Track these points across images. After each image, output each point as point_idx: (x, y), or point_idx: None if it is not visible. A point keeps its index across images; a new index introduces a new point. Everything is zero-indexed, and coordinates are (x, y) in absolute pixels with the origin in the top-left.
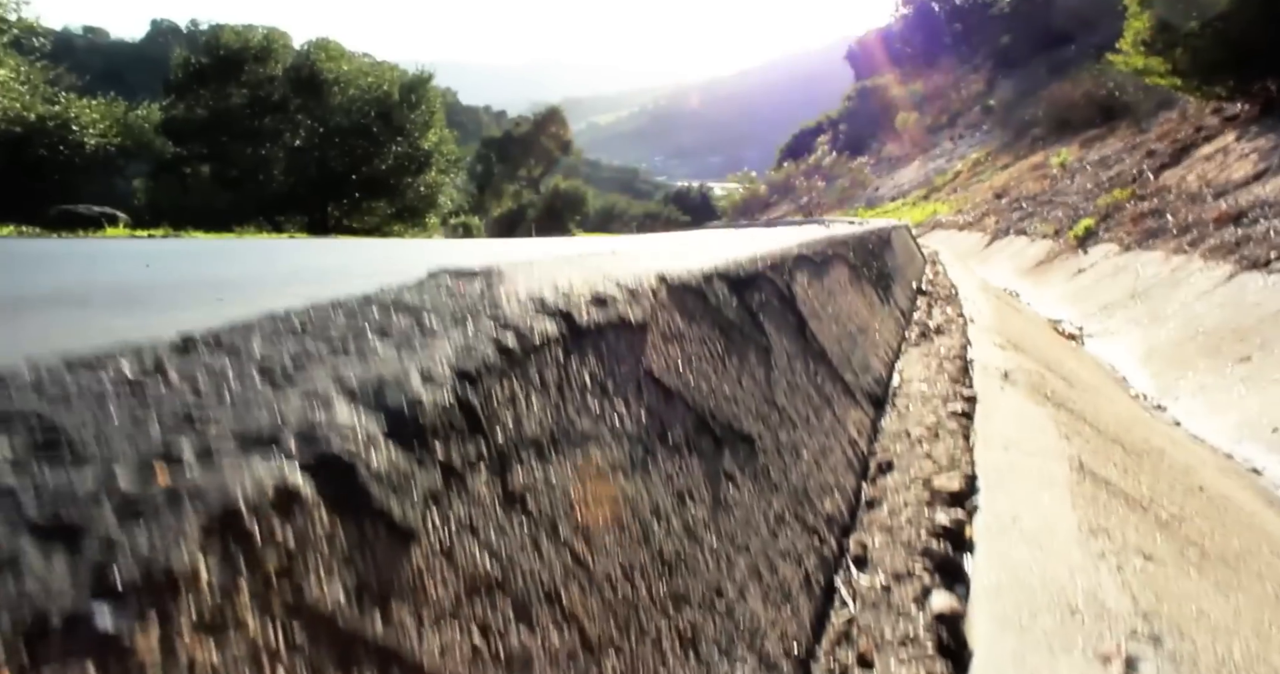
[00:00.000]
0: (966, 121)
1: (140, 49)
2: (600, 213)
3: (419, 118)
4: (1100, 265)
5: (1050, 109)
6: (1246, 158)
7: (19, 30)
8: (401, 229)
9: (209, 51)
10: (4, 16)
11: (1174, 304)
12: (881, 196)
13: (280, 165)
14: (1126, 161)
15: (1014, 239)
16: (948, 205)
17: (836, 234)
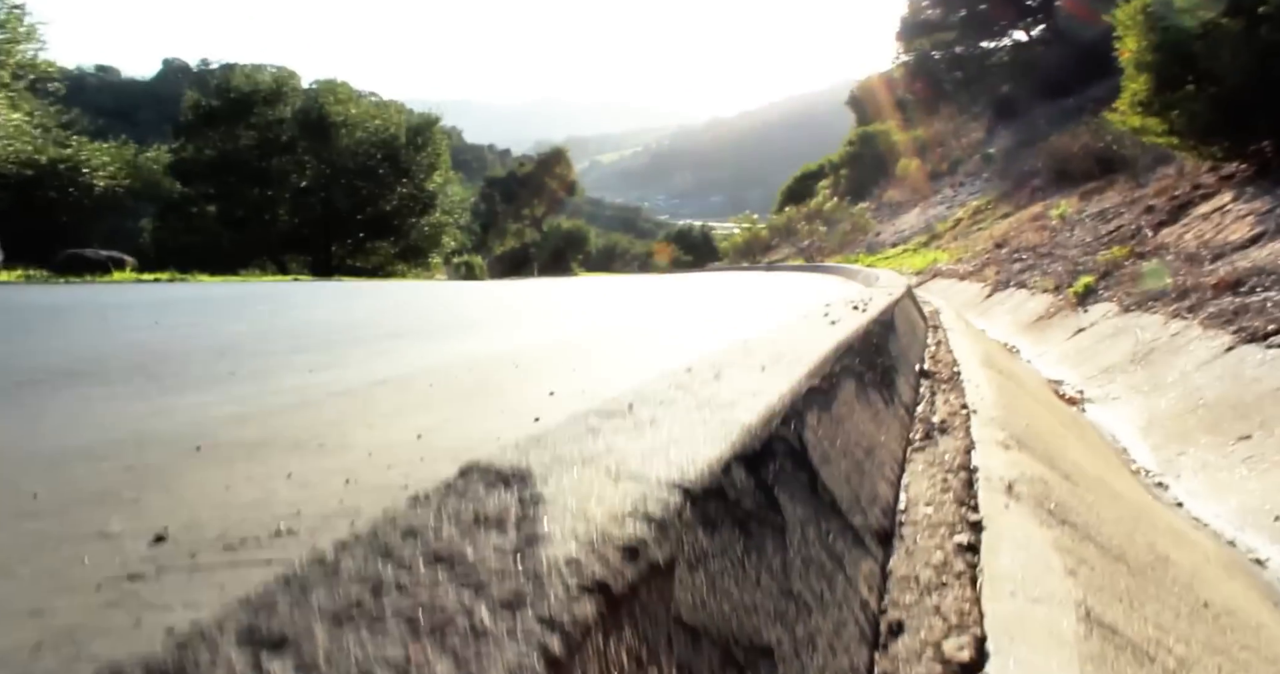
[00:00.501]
0: (967, 169)
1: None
2: (602, 252)
3: (424, 160)
4: (1100, 325)
5: (1049, 160)
6: (1243, 219)
7: (34, 74)
8: (405, 268)
9: (219, 94)
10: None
11: (1174, 372)
12: (883, 242)
13: (286, 206)
14: (1125, 216)
15: (1014, 292)
16: (948, 253)
17: (845, 329)
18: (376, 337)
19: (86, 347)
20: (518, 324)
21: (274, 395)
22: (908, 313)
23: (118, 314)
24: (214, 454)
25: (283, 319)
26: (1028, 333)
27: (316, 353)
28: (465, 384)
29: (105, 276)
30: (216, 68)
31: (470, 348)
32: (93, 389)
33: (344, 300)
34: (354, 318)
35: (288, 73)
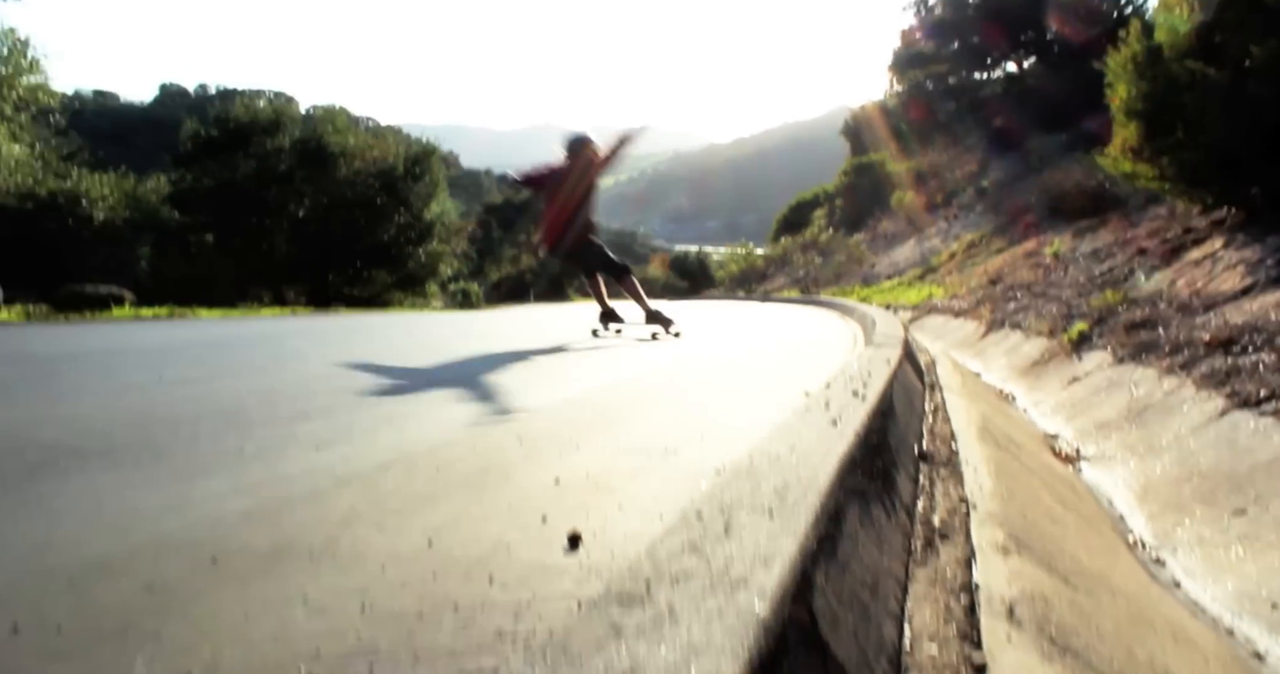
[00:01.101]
0: (961, 202)
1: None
2: None
3: (422, 189)
4: (1094, 376)
5: (1043, 196)
6: (1234, 268)
7: (36, 107)
8: (401, 297)
9: (218, 124)
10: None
11: (1168, 434)
12: (878, 274)
13: (284, 235)
14: (1118, 257)
15: (1009, 333)
16: (943, 288)
17: (847, 432)
18: (378, 395)
19: (93, 413)
20: (517, 376)
21: (284, 482)
22: (906, 383)
23: (121, 365)
24: (230, 568)
25: (285, 372)
26: (1023, 379)
27: (320, 420)
28: (470, 467)
29: (104, 313)
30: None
31: (472, 413)
32: (103, 475)
33: (342, 343)
34: (352, 368)
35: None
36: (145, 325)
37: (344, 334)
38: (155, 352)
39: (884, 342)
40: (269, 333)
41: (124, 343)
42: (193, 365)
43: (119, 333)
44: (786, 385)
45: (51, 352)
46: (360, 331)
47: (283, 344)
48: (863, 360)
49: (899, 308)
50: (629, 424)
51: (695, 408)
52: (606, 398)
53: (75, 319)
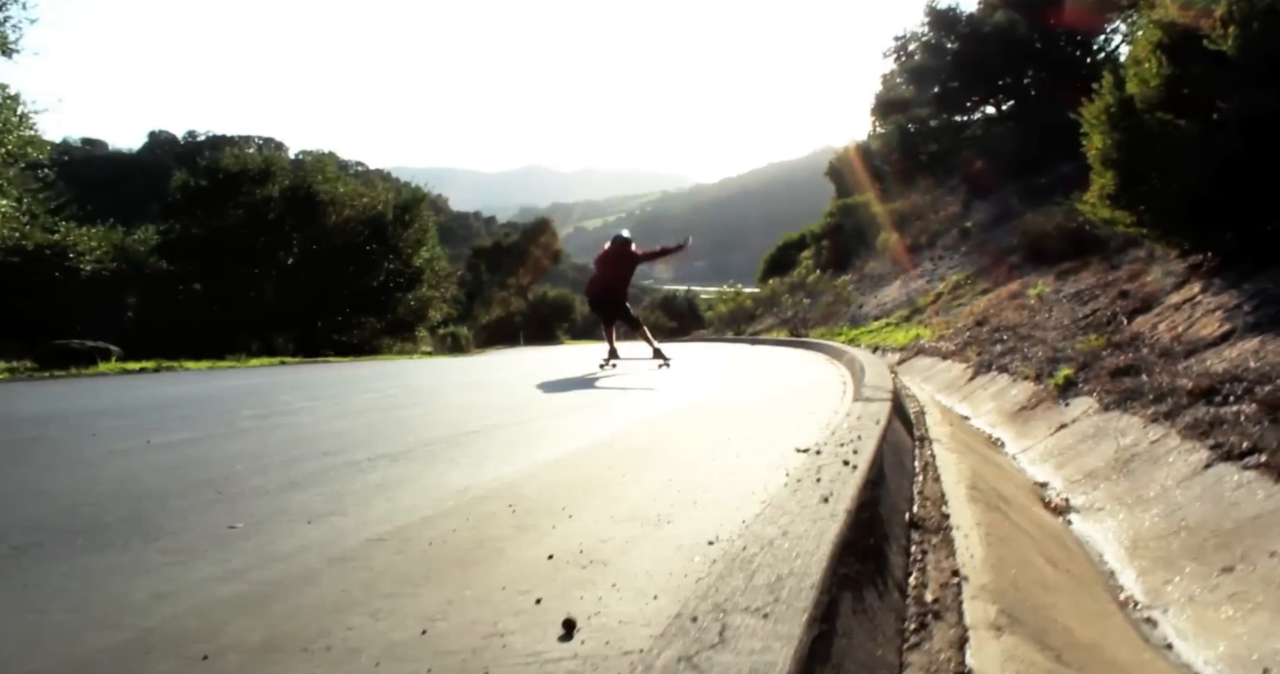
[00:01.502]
0: (945, 243)
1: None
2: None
3: (411, 236)
4: (1081, 422)
5: (1024, 238)
6: (1213, 314)
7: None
8: (391, 342)
9: (207, 174)
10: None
11: (1155, 485)
12: (866, 315)
13: (273, 283)
14: (1101, 299)
15: (996, 377)
16: (930, 330)
17: (839, 510)
18: (369, 459)
19: (80, 486)
20: (509, 433)
21: (275, 563)
22: (896, 442)
23: (108, 426)
24: (221, 667)
25: (274, 432)
26: (1011, 424)
27: (311, 488)
28: (463, 540)
29: (91, 368)
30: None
31: (465, 477)
32: (91, 558)
33: (332, 398)
34: (342, 426)
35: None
36: (132, 381)
37: (333, 387)
38: (143, 410)
39: (873, 394)
40: (258, 387)
41: (111, 402)
42: (181, 426)
43: (106, 390)
44: (778, 441)
45: (38, 413)
46: (350, 383)
47: (272, 400)
48: (852, 420)
49: (887, 349)
50: (621, 488)
51: (687, 467)
52: (599, 457)
53: (61, 376)
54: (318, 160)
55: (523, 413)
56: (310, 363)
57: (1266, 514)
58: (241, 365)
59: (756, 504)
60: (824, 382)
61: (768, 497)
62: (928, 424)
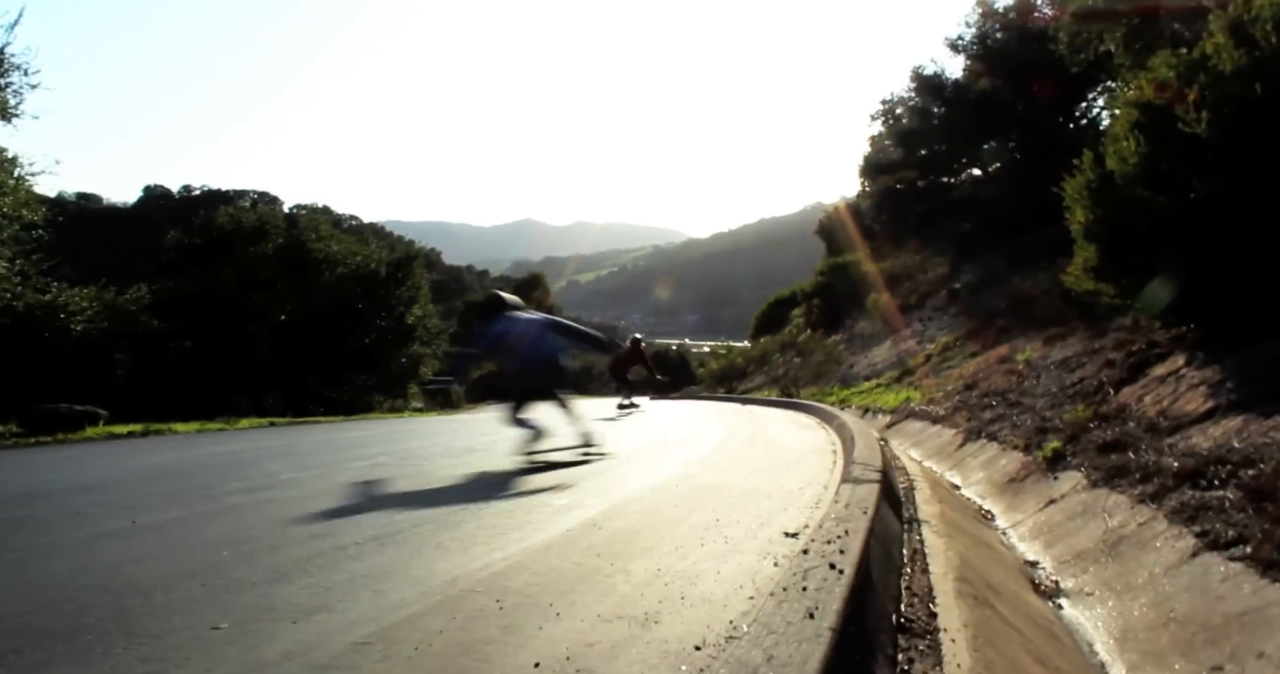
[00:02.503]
0: (935, 304)
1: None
2: (580, 373)
3: (404, 293)
4: (1070, 499)
5: (1012, 303)
6: (1197, 389)
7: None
8: (381, 399)
9: (201, 232)
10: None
11: (1144, 571)
12: (856, 375)
13: (265, 341)
14: (1088, 367)
15: (985, 444)
16: (920, 392)
17: (825, 628)
18: (356, 544)
19: (62, 580)
20: (498, 512)
21: (259, 672)
22: (884, 531)
23: (92, 504)
24: None
25: (261, 511)
26: (1001, 496)
27: (298, 580)
28: (449, 643)
29: (78, 433)
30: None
31: (453, 567)
32: (71, 668)
33: (320, 467)
34: (330, 503)
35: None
36: (119, 448)
37: (322, 453)
38: (128, 484)
39: (862, 474)
40: (246, 455)
41: (96, 474)
42: (167, 503)
43: (91, 459)
44: (767, 523)
45: (22, 488)
46: (339, 449)
47: (260, 470)
48: (840, 507)
49: (878, 411)
50: (609, 580)
51: (676, 555)
52: (587, 542)
53: (47, 442)
54: (312, 218)
55: (513, 487)
56: (300, 423)
57: (1253, 610)
58: (230, 428)
59: (744, 601)
60: (814, 450)
61: (756, 591)
62: (917, 502)
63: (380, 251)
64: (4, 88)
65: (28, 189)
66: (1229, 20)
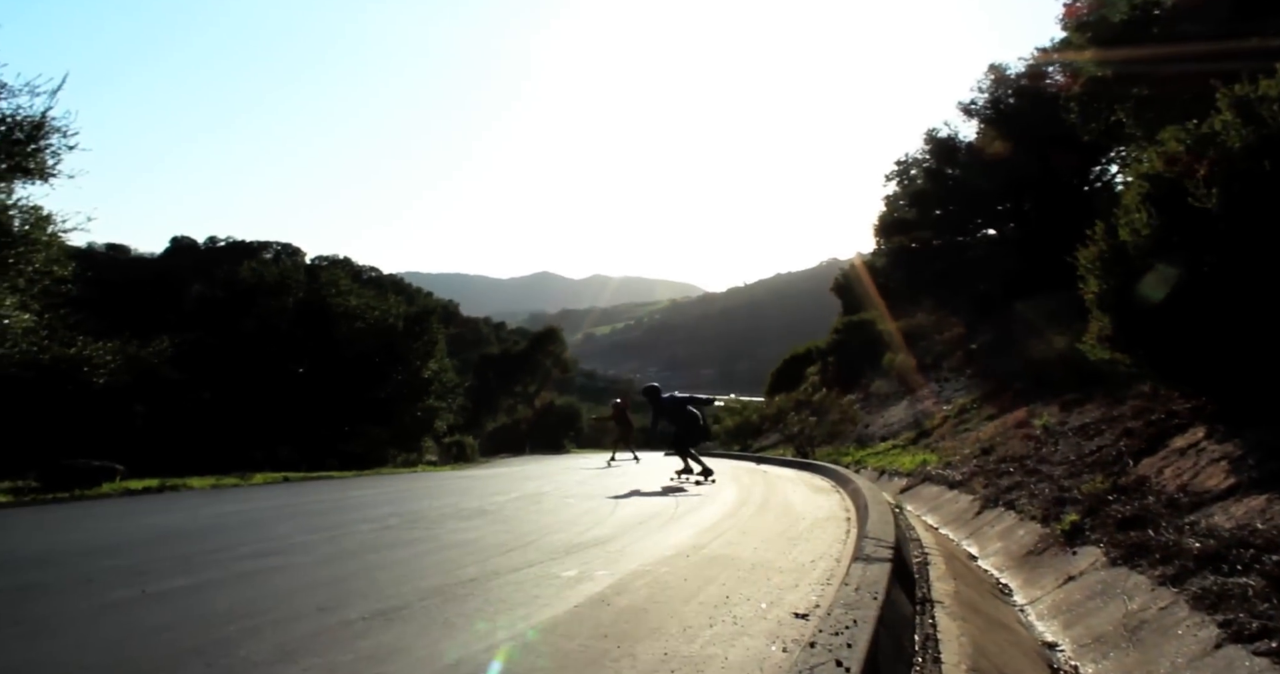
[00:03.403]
0: (950, 364)
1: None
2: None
3: (421, 347)
4: (1089, 576)
5: (1029, 366)
6: (1217, 463)
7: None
8: (395, 453)
9: (224, 286)
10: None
11: (1166, 662)
12: (872, 435)
13: (282, 393)
14: (1106, 435)
15: (1003, 513)
16: (936, 455)
17: None
18: (363, 619)
19: (69, 654)
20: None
21: None
22: (894, 617)
23: (103, 569)
24: None
25: (269, 579)
26: (1019, 570)
27: (302, 658)
28: None
29: (94, 489)
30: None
31: (458, 646)
32: None
33: (331, 528)
34: (339, 571)
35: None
36: (133, 505)
37: (333, 514)
38: (141, 546)
39: (874, 551)
40: (258, 516)
41: (110, 535)
42: (177, 569)
43: (106, 519)
44: (777, 602)
45: (36, 550)
46: (350, 510)
47: (271, 532)
48: (850, 590)
49: (894, 473)
50: (615, 665)
51: (684, 637)
52: (594, 620)
53: (63, 499)
54: (332, 272)
55: (522, 555)
56: (313, 478)
57: None
58: (245, 484)
59: None
60: (828, 517)
61: None
62: (930, 579)
63: (398, 305)
64: (43, 149)
65: (60, 245)
66: (1236, 98)
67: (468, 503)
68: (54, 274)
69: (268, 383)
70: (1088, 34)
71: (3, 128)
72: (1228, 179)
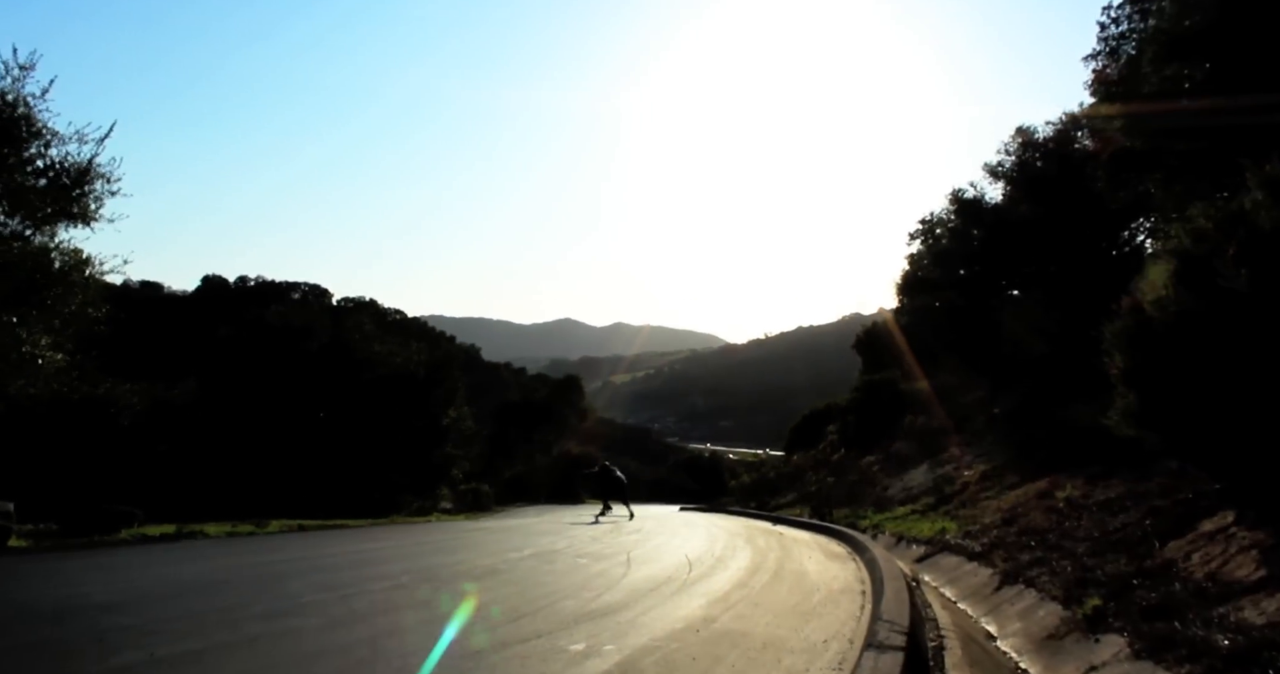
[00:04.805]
0: (973, 428)
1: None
2: None
3: (441, 395)
4: (1112, 668)
5: (1053, 434)
6: (1248, 552)
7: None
8: (411, 500)
9: (252, 328)
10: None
11: None
12: (891, 498)
13: (303, 437)
14: (1131, 512)
15: (1023, 591)
16: (956, 523)
17: None
18: None
19: None
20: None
21: None
22: None
23: (115, 628)
24: None
25: (278, 644)
26: (1039, 653)
27: None
28: None
29: (113, 535)
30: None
31: None
32: None
33: (343, 587)
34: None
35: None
36: (151, 554)
37: (345, 570)
38: (153, 602)
39: (887, 637)
40: (271, 570)
41: (123, 588)
42: (186, 630)
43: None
44: None
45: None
46: (362, 566)
47: (282, 589)
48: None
49: (912, 540)
50: None
51: None
52: None
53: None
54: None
55: (531, 624)
56: (329, 527)
57: None
58: (260, 532)
59: None
60: (844, 589)
61: None
62: (946, 666)
63: (420, 352)
64: (87, 194)
65: (97, 286)
66: (1265, 177)
67: (480, 560)
68: (89, 316)
69: (290, 426)
70: (1115, 103)
71: (51, 174)
72: (1257, 259)
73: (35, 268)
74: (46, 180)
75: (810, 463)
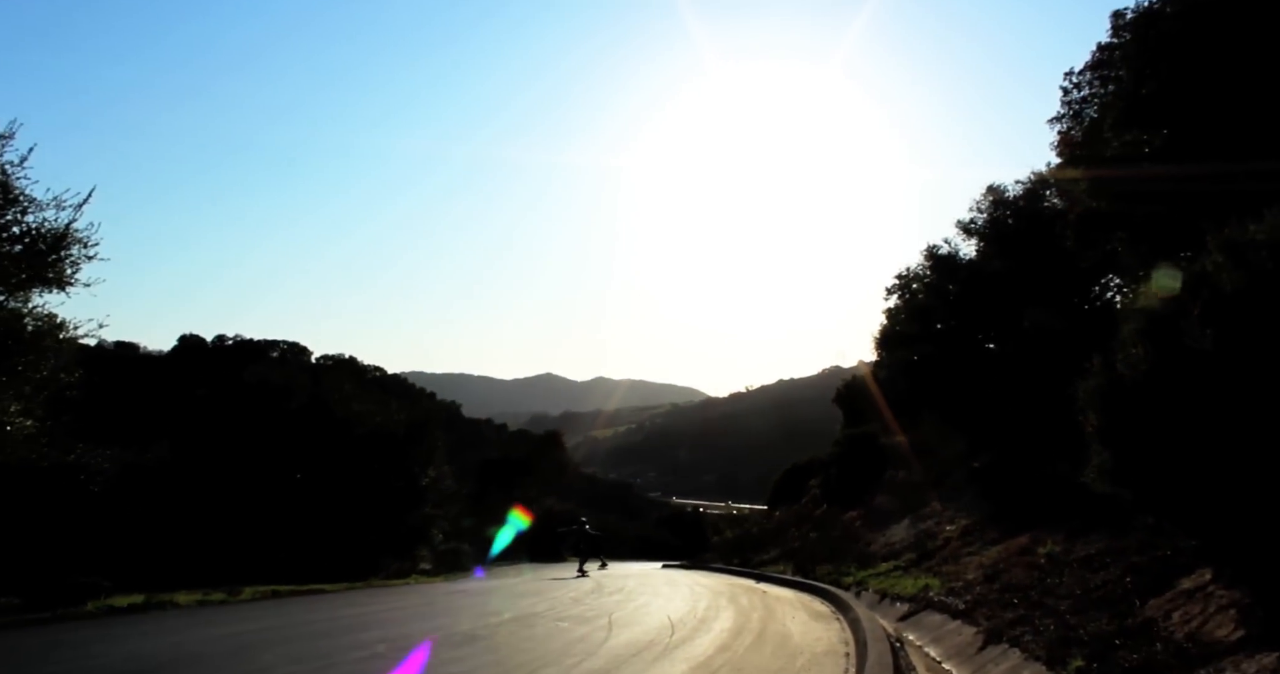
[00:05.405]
0: (953, 482)
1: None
2: None
3: (420, 454)
4: None
5: (1032, 489)
6: (1226, 611)
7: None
8: (389, 562)
9: (229, 389)
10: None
11: None
12: (874, 554)
13: (280, 498)
14: (1111, 568)
15: (1007, 650)
16: (939, 579)
17: None
18: None
19: None
20: None
21: None
22: None
23: None
24: None
25: None
26: None
27: None
28: None
29: (79, 608)
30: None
31: None
32: None
33: (314, 660)
34: None
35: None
36: (116, 627)
37: (320, 639)
38: None
39: None
40: (242, 641)
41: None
42: None
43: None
44: None
45: None
46: (337, 635)
47: (254, 664)
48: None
49: (895, 597)
50: None
51: None
52: None
53: (45, 619)
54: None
55: None
56: (303, 593)
57: None
58: (233, 600)
59: None
60: (827, 651)
61: None
62: None
63: (400, 411)
64: (63, 260)
65: (71, 351)
66: (1225, 240)
67: (458, 625)
68: (62, 380)
69: (266, 487)
70: (1080, 166)
71: (27, 240)
72: (1221, 319)
73: (7, 334)
74: (22, 246)
75: (793, 518)
